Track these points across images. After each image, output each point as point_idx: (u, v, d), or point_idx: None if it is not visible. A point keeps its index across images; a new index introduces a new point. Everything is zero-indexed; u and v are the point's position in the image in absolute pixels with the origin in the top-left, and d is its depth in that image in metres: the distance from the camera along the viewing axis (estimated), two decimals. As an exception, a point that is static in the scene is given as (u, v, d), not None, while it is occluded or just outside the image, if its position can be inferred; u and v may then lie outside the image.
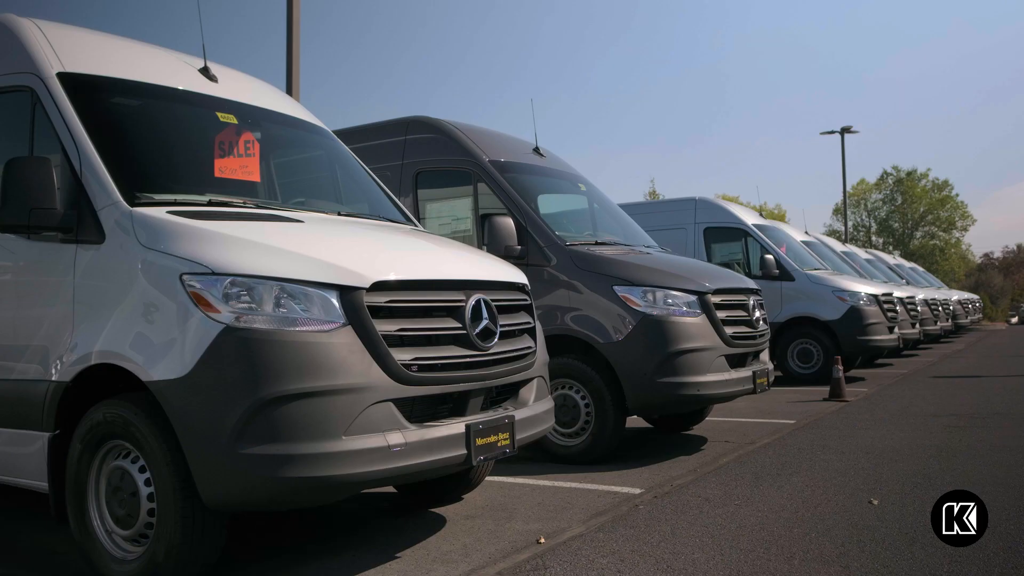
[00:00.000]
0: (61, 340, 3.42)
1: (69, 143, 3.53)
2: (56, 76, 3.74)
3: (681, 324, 5.57)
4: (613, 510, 4.32)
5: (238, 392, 2.89)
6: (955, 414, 7.68)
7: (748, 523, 3.96)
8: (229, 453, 2.87)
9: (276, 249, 3.19)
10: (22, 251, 3.64)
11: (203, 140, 4.15)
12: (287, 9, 10.72)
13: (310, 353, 2.97)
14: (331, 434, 2.94)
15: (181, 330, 3.01)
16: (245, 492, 2.94)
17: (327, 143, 5.10)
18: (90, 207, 3.40)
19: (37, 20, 4.15)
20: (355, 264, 3.21)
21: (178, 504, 3.00)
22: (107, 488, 3.28)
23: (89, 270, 3.38)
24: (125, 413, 3.15)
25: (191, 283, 3.02)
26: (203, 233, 3.20)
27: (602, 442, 5.60)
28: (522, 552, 3.60)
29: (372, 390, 3.05)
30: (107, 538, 3.28)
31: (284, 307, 3.02)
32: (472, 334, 3.46)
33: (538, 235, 5.99)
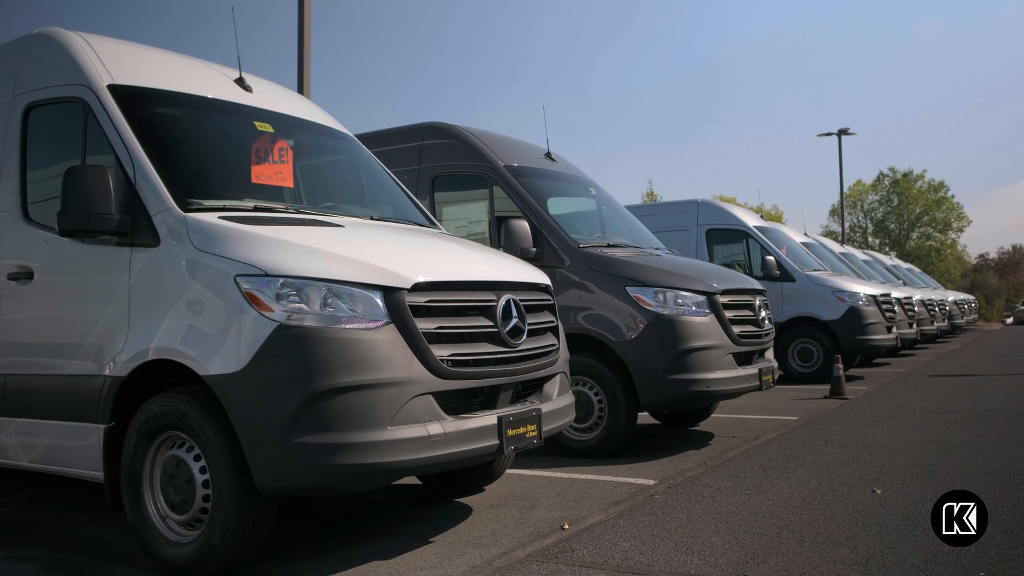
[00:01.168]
0: (116, 337, 3.64)
1: (123, 152, 3.75)
2: (107, 88, 3.96)
3: (691, 323, 5.81)
4: (630, 499, 4.55)
5: (291, 385, 3.11)
6: (952, 411, 7.93)
7: (759, 510, 4.20)
8: (283, 442, 3.09)
9: (322, 252, 3.41)
10: (76, 254, 3.86)
11: (243, 148, 4.37)
12: (299, 12, 10.92)
13: (357, 349, 3.19)
14: (377, 424, 3.17)
15: (236, 328, 3.23)
16: (297, 478, 3.16)
17: (353, 149, 5.32)
18: (144, 212, 3.62)
19: (83, 33, 4.36)
20: (396, 266, 3.43)
21: (233, 490, 3.21)
22: (162, 476, 3.49)
23: (144, 272, 3.60)
24: (181, 405, 3.36)
25: (245, 284, 3.24)
26: (254, 237, 3.42)
27: (615, 437, 5.83)
28: (548, 537, 3.83)
29: (414, 384, 3.28)
30: (161, 523, 3.50)
31: (331, 306, 3.24)
32: (503, 332, 3.69)
33: (552, 238, 6.22)
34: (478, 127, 7.11)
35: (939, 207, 61.69)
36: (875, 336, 11.99)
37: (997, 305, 58.10)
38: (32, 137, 4.29)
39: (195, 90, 4.35)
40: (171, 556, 3.41)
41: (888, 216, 63.40)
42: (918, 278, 25.58)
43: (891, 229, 63.27)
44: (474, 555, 3.59)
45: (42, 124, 4.28)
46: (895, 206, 62.93)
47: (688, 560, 3.41)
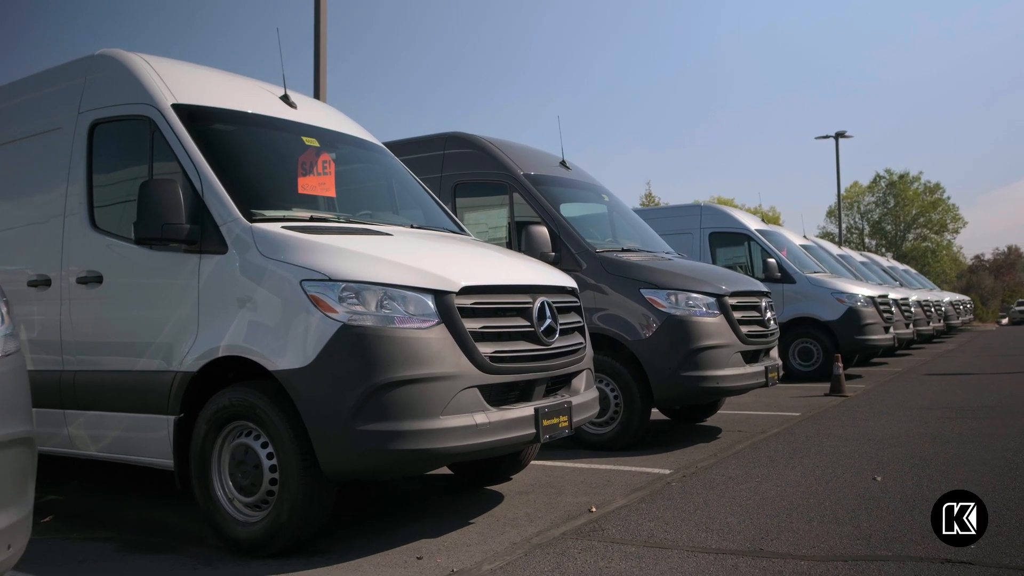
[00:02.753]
0: (186, 336, 3.99)
1: (189, 167, 4.11)
2: (171, 107, 4.31)
3: (702, 323, 6.18)
4: (649, 486, 4.91)
5: (355, 379, 3.47)
6: (948, 407, 8.31)
7: (769, 495, 4.56)
8: (347, 430, 3.45)
9: (378, 259, 3.77)
10: (144, 260, 4.20)
11: (292, 161, 4.72)
12: (315, 17, 11.25)
13: (413, 347, 3.55)
14: (431, 414, 3.53)
15: (303, 328, 3.58)
16: (360, 463, 3.52)
17: (385, 160, 5.67)
18: (212, 222, 3.97)
19: (143, 55, 4.72)
20: (445, 271, 3.79)
21: (300, 473, 3.56)
22: (230, 462, 3.84)
23: (212, 276, 3.95)
24: (251, 398, 3.71)
25: (310, 288, 3.60)
26: (316, 246, 3.78)
27: (630, 430, 6.20)
28: (578, 518, 4.19)
29: (462, 378, 3.64)
30: (229, 504, 3.85)
31: (387, 308, 3.60)
32: (538, 331, 4.06)
33: (570, 243, 6.59)
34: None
35: (935, 208, 62.29)
36: (873, 336, 12.39)
37: (992, 306, 58.59)
38: (97, 151, 4.63)
39: (249, 107, 4.70)
40: (240, 534, 3.77)
41: (884, 217, 63.98)
42: (914, 279, 25.99)
43: (887, 230, 63.83)
44: (512, 534, 3.95)
45: (107, 140, 4.63)
46: (891, 208, 63.51)
47: (708, 537, 3.77)
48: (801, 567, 3.29)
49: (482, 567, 3.43)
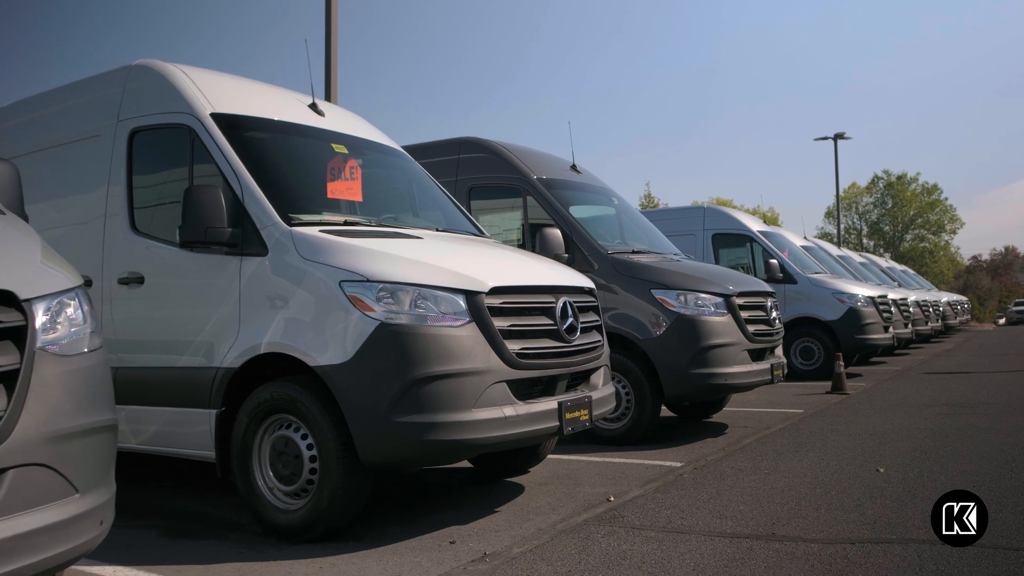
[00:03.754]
0: (228, 334, 4.21)
1: (230, 174, 4.33)
2: (210, 116, 4.53)
3: (711, 323, 6.41)
4: (662, 478, 5.14)
5: (392, 374, 3.69)
6: (947, 404, 8.55)
7: (778, 485, 4.79)
8: (385, 421, 3.67)
9: (412, 261, 3.99)
10: (187, 262, 4.42)
11: (323, 167, 4.94)
12: (326, 24, 11.47)
13: (446, 344, 3.77)
14: (464, 407, 3.75)
15: (343, 326, 3.81)
16: (397, 452, 3.74)
17: (406, 165, 5.90)
18: (253, 226, 4.19)
19: (180, 65, 4.94)
20: (475, 273, 4.02)
21: (340, 463, 3.78)
22: (271, 453, 4.07)
23: (253, 277, 4.17)
24: (292, 392, 3.94)
25: (349, 289, 3.82)
26: (354, 248, 4.00)
27: (642, 426, 6.43)
28: (598, 507, 4.42)
29: (492, 373, 3.87)
30: (269, 493, 4.07)
31: (422, 307, 3.82)
32: (561, 329, 4.28)
33: (582, 245, 6.82)
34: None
35: (932, 209, 62.62)
36: (873, 335, 12.64)
37: (989, 306, 58.96)
38: (137, 158, 4.85)
39: (281, 116, 4.93)
40: (280, 521, 3.99)
41: (883, 218, 64.33)
42: (912, 280, 26.26)
43: (885, 231, 64.18)
44: (538, 521, 4.17)
45: (146, 147, 4.85)
46: (889, 208, 63.85)
47: (723, 523, 4.00)
48: (812, 549, 3.52)
49: (512, 550, 3.65)
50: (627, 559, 3.46)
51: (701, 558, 3.44)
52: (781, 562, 3.36)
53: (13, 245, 2.47)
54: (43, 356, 2.25)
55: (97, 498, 2.38)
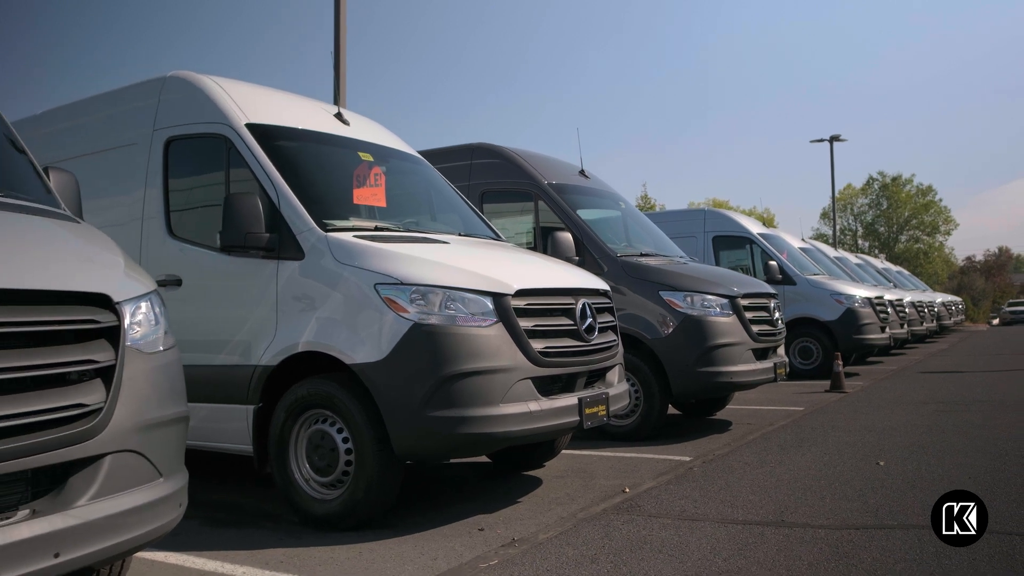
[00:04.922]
0: (265, 333, 4.44)
1: (266, 181, 4.56)
2: (246, 127, 4.77)
3: (717, 323, 6.67)
4: (673, 471, 5.40)
5: (426, 371, 3.93)
6: (942, 401, 8.83)
7: (784, 478, 5.05)
8: (419, 416, 3.91)
9: (442, 264, 4.23)
10: (225, 265, 4.65)
11: (350, 174, 5.18)
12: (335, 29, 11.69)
13: (476, 343, 4.01)
14: (492, 402, 4.00)
15: (378, 326, 4.04)
16: (430, 445, 3.99)
17: (426, 171, 6.14)
18: (290, 231, 4.42)
19: (214, 77, 5.18)
20: (501, 276, 4.26)
21: (375, 455, 4.02)
22: (307, 446, 4.30)
23: (290, 280, 4.40)
24: (328, 388, 4.17)
25: (384, 291, 4.06)
26: (387, 253, 4.24)
27: (650, 422, 6.68)
28: (614, 497, 4.67)
29: (518, 370, 4.11)
30: (306, 484, 4.30)
31: (452, 308, 4.06)
32: (581, 329, 4.53)
33: (592, 248, 7.07)
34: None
35: (927, 210, 63.07)
36: (870, 336, 12.93)
37: (983, 306, 59.37)
38: (172, 166, 5.08)
39: (311, 125, 5.17)
40: (317, 511, 4.22)
41: (877, 219, 64.75)
42: (907, 280, 26.58)
43: (880, 232, 64.60)
44: (559, 510, 4.42)
45: (182, 155, 5.08)
46: (884, 209, 64.27)
47: (734, 511, 4.25)
48: (819, 534, 3.78)
49: (538, 536, 3.90)
50: (648, 543, 3.71)
51: (717, 542, 3.70)
52: (791, 545, 3.61)
53: (101, 252, 2.70)
54: (132, 353, 2.48)
55: (176, 482, 2.62)
